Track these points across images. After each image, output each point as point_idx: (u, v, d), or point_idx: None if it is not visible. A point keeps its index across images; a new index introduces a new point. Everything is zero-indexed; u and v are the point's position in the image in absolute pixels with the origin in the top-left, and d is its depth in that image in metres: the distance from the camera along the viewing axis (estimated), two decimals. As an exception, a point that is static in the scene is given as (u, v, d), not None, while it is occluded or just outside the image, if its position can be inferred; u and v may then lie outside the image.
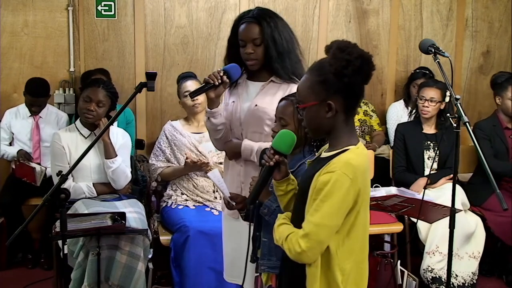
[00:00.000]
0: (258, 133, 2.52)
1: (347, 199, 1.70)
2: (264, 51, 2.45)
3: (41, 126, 4.15)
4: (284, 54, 2.46)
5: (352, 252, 1.77)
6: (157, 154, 3.73)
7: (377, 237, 3.75)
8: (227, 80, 2.44)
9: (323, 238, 1.71)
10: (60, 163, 3.29)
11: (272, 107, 2.37)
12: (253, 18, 2.46)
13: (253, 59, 2.47)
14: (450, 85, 2.53)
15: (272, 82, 2.52)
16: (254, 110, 2.51)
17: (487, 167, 2.31)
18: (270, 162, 1.87)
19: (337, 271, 1.75)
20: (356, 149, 1.78)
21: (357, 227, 1.76)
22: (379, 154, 4.41)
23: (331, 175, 1.70)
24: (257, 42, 2.44)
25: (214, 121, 2.52)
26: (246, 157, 2.52)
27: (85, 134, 3.38)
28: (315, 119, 1.79)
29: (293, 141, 1.89)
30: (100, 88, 3.34)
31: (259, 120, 2.50)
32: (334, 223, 1.71)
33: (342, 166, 1.71)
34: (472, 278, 3.64)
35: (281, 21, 2.50)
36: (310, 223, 1.71)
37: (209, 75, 2.44)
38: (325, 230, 1.70)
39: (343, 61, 1.70)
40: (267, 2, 4.60)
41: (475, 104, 5.10)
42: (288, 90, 2.45)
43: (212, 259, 3.23)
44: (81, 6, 4.38)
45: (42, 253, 4.08)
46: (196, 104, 3.68)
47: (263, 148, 2.14)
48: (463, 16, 4.97)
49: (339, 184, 1.68)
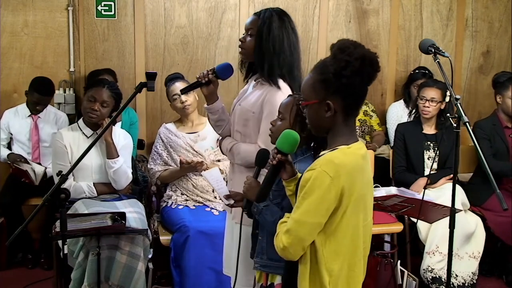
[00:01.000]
0: (239, 133, 2.58)
1: (328, 197, 1.70)
2: (254, 44, 2.50)
3: (40, 126, 4.14)
4: (265, 53, 2.47)
5: (339, 253, 1.77)
6: (155, 158, 3.73)
7: (377, 237, 3.75)
8: (214, 78, 2.53)
9: (303, 235, 1.73)
10: (62, 162, 3.29)
11: (251, 108, 2.49)
12: (259, 12, 2.54)
13: (242, 47, 2.56)
14: (450, 85, 2.53)
15: (260, 83, 2.56)
16: (237, 109, 2.60)
17: (487, 167, 2.31)
18: (273, 161, 1.92)
19: (323, 271, 1.76)
20: (346, 149, 1.77)
21: (343, 228, 1.76)
22: (379, 154, 4.41)
23: (312, 173, 1.72)
24: (251, 33, 2.52)
25: (212, 117, 2.65)
26: (223, 153, 2.68)
27: (87, 134, 3.38)
28: (315, 118, 1.81)
29: (296, 141, 1.93)
30: (105, 88, 3.35)
31: (239, 119, 2.57)
32: (313, 220, 1.72)
33: (323, 164, 1.72)
34: (472, 278, 3.64)
35: (280, 23, 2.50)
36: (291, 219, 1.75)
37: (199, 73, 2.56)
38: (304, 227, 1.72)
39: (342, 61, 1.71)
40: (267, 2, 4.60)
41: (475, 104, 5.10)
42: (268, 90, 2.48)
43: (212, 259, 3.23)
44: (81, 6, 4.38)
45: (42, 253, 4.08)
46: (186, 105, 3.69)
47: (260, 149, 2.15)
48: (463, 16, 4.97)
49: (318, 181, 1.70)
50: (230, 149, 2.56)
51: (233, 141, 2.58)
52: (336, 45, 1.76)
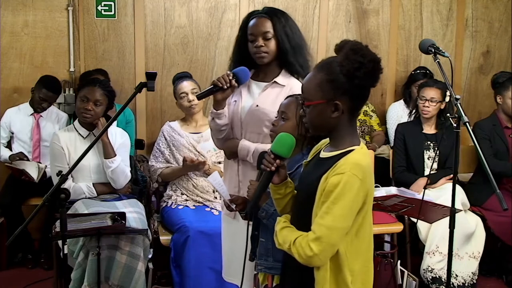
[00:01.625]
0: (256, 134, 2.52)
1: (357, 200, 1.69)
2: (276, 46, 2.47)
3: (41, 125, 4.14)
4: (297, 48, 2.48)
5: (359, 252, 1.77)
6: (156, 156, 3.73)
7: (377, 237, 3.75)
8: (235, 84, 2.43)
9: (335, 241, 1.69)
10: (60, 164, 3.29)
11: (273, 109, 2.38)
12: (263, 13, 2.50)
13: (263, 51, 2.47)
14: (450, 85, 2.53)
15: (275, 83, 2.52)
16: (254, 110, 2.51)
17: (487, 167, 2.31)
18: (272, 168, 1.83)
19: (346, 272, 1.74)
20: (361, 150, 1.77)
21: (364, 227, 1.76)
22: (379, 154, 4.41)
23: (341, 177, 1.68)
24: (268, 36, 2.46)
25: (219, 122, 2.53)
26: (242, 157, 2.53)
27: (83, 134, 3.38)
28: (319, 118, 1.78)
29: (293, 144, 1.86)
30: (97, 87, 3.34)
31: (259, 120, 2.50)
32: (345, 225, 1.70)
33: (352, 167, 1.69)
34: (472, 278, 3.64)
35: (290, 19, 2.55)
36: (321, 226, 1.68)
37: (218, 78, 2.43)
38: (337, 232, 1.69)
39: (356, 63, 1.69)
40: (267, 2, 4.60)
41: (475, 104, 5.10)
42: (290, 91, 2.44)
43: (212, 259, 3.23)
44: (81, 6, 4.38)
45: (42, 253, 4.08)
46: (193, 105, 3.69)
47: (261, 152, 2.13)
48: (463, 16, 4.97)
49: (349, 185, 1.67)
50: (253, 152, 2.46)
51: (255, 144, 2.49)
52: (348, 46, 1.74)
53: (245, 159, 2.52)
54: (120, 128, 3.71)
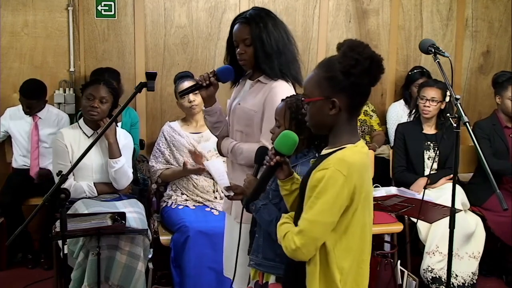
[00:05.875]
0: (239, 132, 2.58)
1: (341, 196, 1.70)
2: (253, 52, 2.48)
3: (40, 127, 4.13)
4: (272, 55, 2.47)
5: (349, 250, 1.78)
6: (157, 156, 3.73)
7: (377, 237, 3.75)
8: (215, 81, 2.51)
9: (317, 235, 1.72)
10: (62, 162, 3.29)
11: (252, 107, 2.48)
12: (244, 18, 2.50)
13: (243, 59, 2.51)
14: (450, 85, 2.53)
15: (259, 82, 2.55)
16: (237, 108, 2.58)
17: (487, 167, 2.31)
18: (271, 163, 1.90)
19: (335, 270, 1.76)
20: (353, 147, 1.78)
21: (354, 226, 1.77)
22: (379, 154, 4.41)
23: (325, 172, 1.71)
24: (247, 43, 2.48)
25: (210, 119, 2.64)
26: (224, 154, 2.65)
27: (88, 133, 3.39)
28: (318, 115, 1.80)
29: (295, 143, 1.91)
30: (102, 85, 3.37)
31: (240, 118, 2.56)
32: (328, 220, 1.72)
33: (336, 163, 1.71)
34: (472, 278, 3.64)
35: (273, 21, 2.51)
36: (304, 220, 1.73)
37: (200, 76, 2.54)
38: (319, 226, 1.71)
39: (352, 60, 1.71)
40: (267, 2, 4.60)
41: (475, 104, 5.10)
42: (270, 89, 2.47)
43: (212, 259, 3.23)
44: (81, 6, 4.38)
45: (42, 253, 4.08)
46: (193, 105, 3.69)
47: (259, 147, 2.16)
48: (463, 16, 4.97)
49: (332, 180, 1.69)
50: (231, 149, 2.55)
51: (233, 141, 2.57)
52: (346, 44, 1.75)
53: (226, 156, 2.63)
54: (124, 129, 3.71)
